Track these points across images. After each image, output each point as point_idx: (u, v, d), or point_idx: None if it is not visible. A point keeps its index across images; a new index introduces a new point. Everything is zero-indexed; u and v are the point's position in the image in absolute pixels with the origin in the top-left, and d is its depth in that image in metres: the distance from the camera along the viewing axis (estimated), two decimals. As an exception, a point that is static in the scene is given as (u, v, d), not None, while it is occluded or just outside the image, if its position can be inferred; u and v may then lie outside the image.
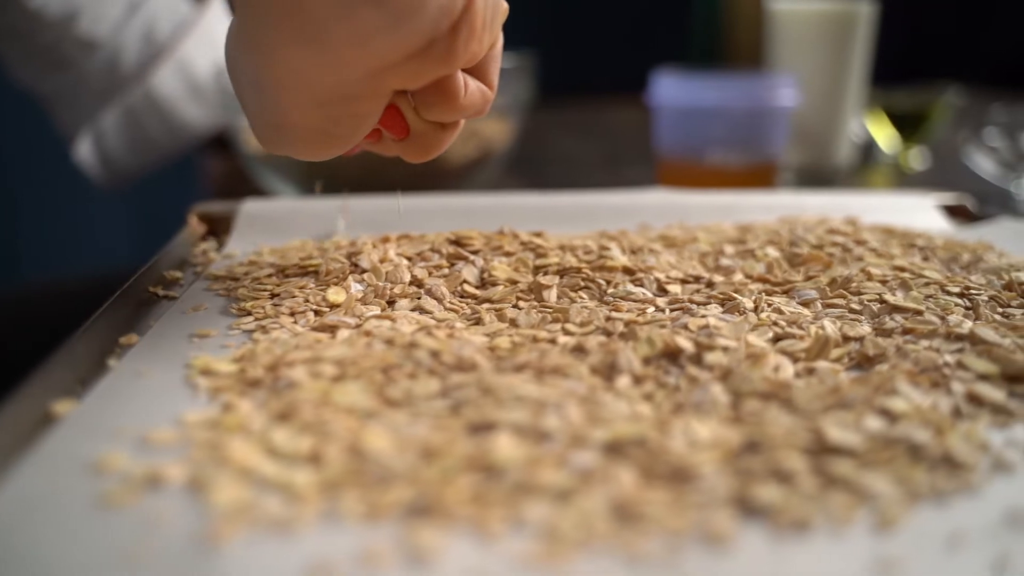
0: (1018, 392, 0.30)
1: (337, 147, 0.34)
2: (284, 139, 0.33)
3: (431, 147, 0.36)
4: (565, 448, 0.25)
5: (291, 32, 0.29)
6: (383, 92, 0.31)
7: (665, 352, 0.32)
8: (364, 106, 0.31)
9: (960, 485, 0.25)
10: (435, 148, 0.37)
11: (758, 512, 0.23)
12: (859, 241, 0.44)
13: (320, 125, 0.32)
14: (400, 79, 0.30)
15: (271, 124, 0.33)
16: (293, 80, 0.30)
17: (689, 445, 0.26)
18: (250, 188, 0.66)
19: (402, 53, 0.29)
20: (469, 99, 0.34)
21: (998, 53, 1.78)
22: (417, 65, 0.29)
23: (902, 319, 0.35)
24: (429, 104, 0.34)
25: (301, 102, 0.31)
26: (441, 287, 0.37)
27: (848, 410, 0.28)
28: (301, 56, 0.29)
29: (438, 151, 0.37)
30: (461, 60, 0.30)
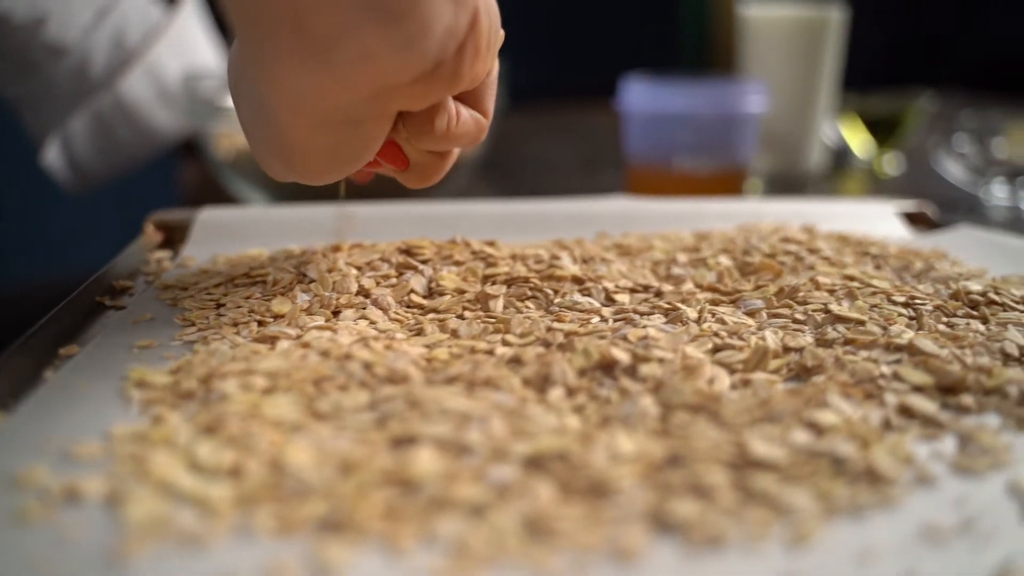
0: (951, 404, 0.30)
1: (342, 170, 0.33)
2: (289, 163, 0.32)
3: (430, 175, 0.37)
4: (485, 462, 0.25)
5: (295, 51, 0.28)
6: (388, 114, 0.31)
7: (601, 364, 0.31)
8: (369, 128, 0.31)
9: (880, 499, 0.25)
10: (434, 175, 0.37)
11: (673, 527, 0.23)
12: (812, 250, 0.44)
13: (325, 147, 0.31)
14: (406, 100, 0.30)
15: (275, 148, 0.32)
16: (298, 101, 0.29)
17: (610, 459, 0.26)
18: (225, 195, 0.66)
19: (410, 74, 0.28)
20: (462, 128, 0.34)
21: (981, 57, 1.79)
22: (423, 87, 0.29)
23: (844, 329, 0.35)
24: (421, 133, 0.33)
25: (306, 124, 0.30)
26: (387, 297, 0.37)
27: (776, 423, 0.28)
28: (306, 75, 0.28)
29: (438, 177, 0.37)
30: (466, 81, 0.30)
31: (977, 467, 0.26)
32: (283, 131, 0.31)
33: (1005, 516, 0.24)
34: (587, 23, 1.86)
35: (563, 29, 1.81)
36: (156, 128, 0.68)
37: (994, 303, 0.38)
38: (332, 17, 0.27)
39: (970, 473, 0.26)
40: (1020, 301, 0.38)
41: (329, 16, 0.27)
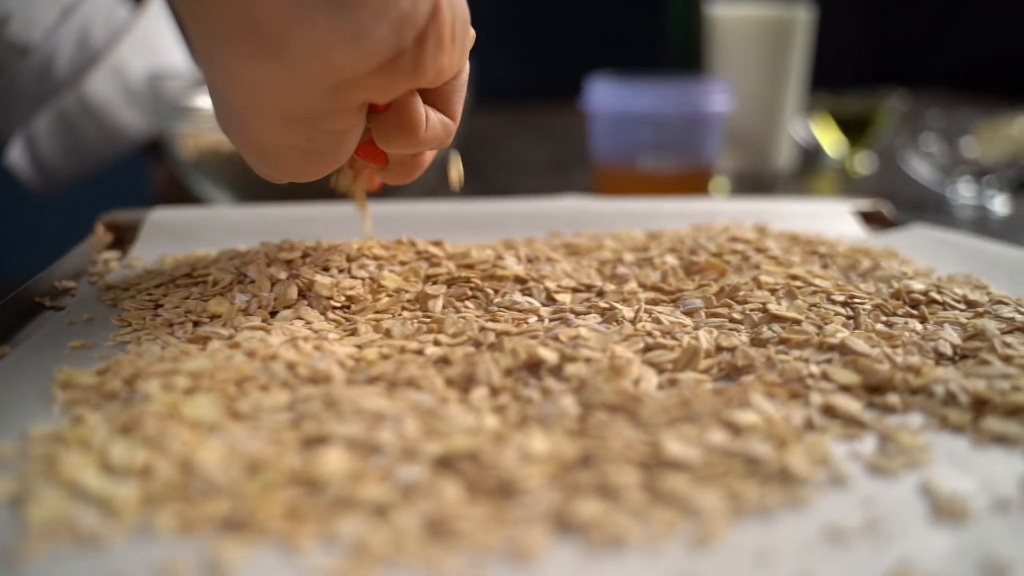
0: (877, 403, 0.30)
1: (320, 166, 0.33)
2: (266, 161, 0.32)
3: (410, 171, 0.37)
4: (393, 462, 0.25)
5: (244, 45, 0.27)
6: (352, 107, 0.30)
7: (528, 364, 0.31)
8: (336, 122, 0.30)
9: (789, 499, 0.25)
10: (414, 171, 0.37)
11: (575, 528, 0.23)
12: (760, 249, 0.43)
13: (295, 144, 0.31)
14: (368, 93, 0.29)
15: (249, 146, 0.32)
16: (254, 96, 0.29)
17: (521, 459, 0.26)
18: (197, 196, 0.65)
19: (367, 65, 0.28)
20: (430, 131, 0.33)
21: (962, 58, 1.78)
22: (384, 78, 0.29)
23: (780, 328, 0.35)
24: (388, 137, 0.33)
25: (268, 120, 0.30)
26: (322, 298, 0.37)
27: (694, 423, 0.28)
28: (258, 70, 0.28)
29: (418, 173, 0.37)
30: (430, 73, 0.29)
31: (892, 467, 0.26)
32: (250, 129, 0.31)
33: (911, 516, 0.24)
34: (576, 24, 1.86)
35: (549, 29, 1.81)
36: (122, 128, 0.68)
37: (935, 302, 0.38)
38: (280, 10, 0.27)
39: (884, 473, 0.26)
40: (961, 300, 0.38)
41: (276, 9, 0.27)
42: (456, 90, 0.34)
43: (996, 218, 0.66)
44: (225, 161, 0.60)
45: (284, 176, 0.33)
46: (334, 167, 0.33)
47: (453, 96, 0.34)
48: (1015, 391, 0.30)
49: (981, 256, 0.45)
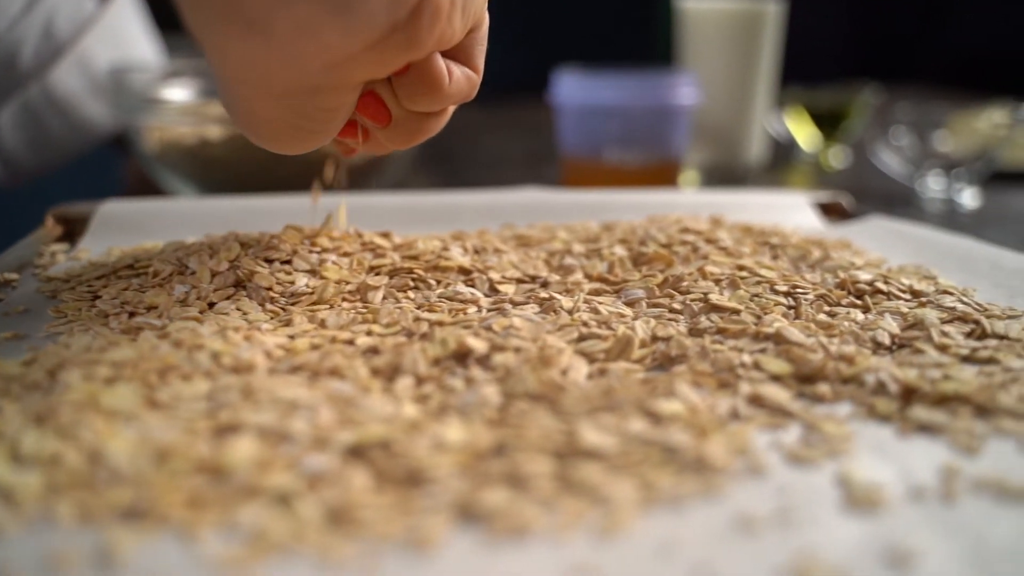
0: (807, 393, 0.30)
1: (311, 141, 0.33)
2: (256, 132, 0.32)
3: (415, 133, 0.35)
4: (303, 451, 0.25)
5: (233, 24, 0.27)
6: (350, 83, 0.30)
7: (456, 353, 0.31)
8: (332, 99, 0.30)
9: (703, 489, 0.24)
10: (420, 134, 0.35)
11: (480, 518, 0.23)
12: (710, 240, 0.43)
13: (288, 118, 0.31)
14: (366, 69, 0.29)
15: (243, 119, 0.32)
16: (246, 72, 0.29)
17: (433, 449, 0.25)
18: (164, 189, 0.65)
19: (359, 43, 0.27)
20: (455, 86, 0.33)
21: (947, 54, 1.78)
22: (380, 54, 0.28)
23: (718, 318, 0.34)
24: (413, 95, 0.33)
25: (261, 95, 0.30)
26: (261, 289, 0.37)
27: (615, 413, 0.27)
28: (249, 48, 0.28)
29: (425, 136, 0.36)
30: (428, 45, 0.29)
31: (811, 456, 0.26)
32: (241, 102, 0.31)
33: (823, 505, 0.24)
34: (562, 17, 1.85)
35: (533, 23, 1.81)
36: (88, 120, 0.68)
37: (880, 292, 0.37)
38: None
39: (803, 462, 0.26)
40: (907, 291, 0.38)
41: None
42: (477, 43, 0.34)
43: (964, 211, 0.66)
44: (187, 154, 0.60)
45: (271, 147, 0.33)
46: (325, 141, 0.33)
47: (474, 49, 0.34)
48: (945, 380, 0.29)
49: (933, 247, 0.44)
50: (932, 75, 1.60)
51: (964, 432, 0.27)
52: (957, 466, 0.25)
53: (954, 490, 0.24)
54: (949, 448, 0.26)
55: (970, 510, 0.23)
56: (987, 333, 0.34)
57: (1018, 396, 0.29)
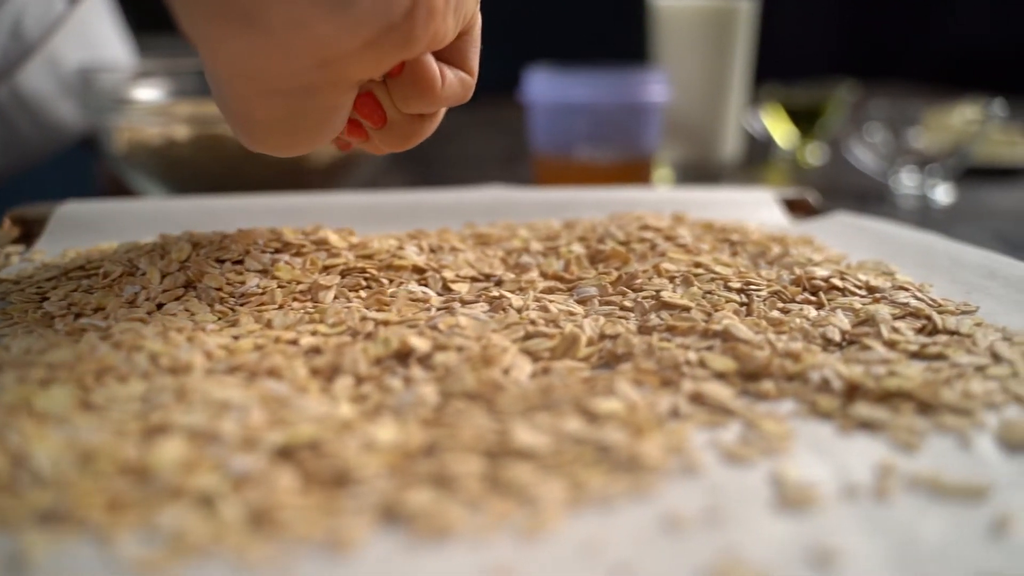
0: (751, 390, 0.29)
1: (309, 142, 0.32)
2: (251, 133, 0.32)
3: (410, 135, 0.35)
4: (231, 452, 0.25)
5: (226, 19, 0.27)
6: (345, 82, 0.30)
7: (399, 352, 0.31)
8: (328, 98, 0.30)
9: (634, 488, 0.24)
10: (415, 136, 0.35)
11: (404, 519, 0.23)
12: (669, 237, 0.43)
13: (284, 118, 0.30)
14: (361, 68, 0.29)
15: (237, 118, 0.31)
16: (240, 69, 0.29)
17: (363, 449, 0.25)
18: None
19: (355, 40, 0.27)
20: (448, 89, 0.33)
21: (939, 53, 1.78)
22: (376, 52, 0.28)
23: (668, 316, 0.34)
24: (406, 97, 0.32)
25: (255, 93, 0.29)
26: (211, 290, 0.36)
27: (551, 412, 0.27)
28: (242, 44, 0.27)
29: (419, 139, 0.36)
30: (422, 44, 0.29)
31: (747, 455, 0.25)
32: (236, 101, 0.30)
33: (753, 504, 0.23)
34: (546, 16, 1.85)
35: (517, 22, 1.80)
36: (57, 121, 0.67)
37: (835, 288, 0.37)
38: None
39: (739, 461, 0.25)
40: (863, 287, 0.37)
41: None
42: (470, 44, 0.34)
43: (938, 207, 0.65)
44: (154, 154, 0.60)
45: (270, 150, 0.33)
46: (321, 143, 0.33)
47: (468, 51, 0.34)
48: (890, 376, 0.29)
49: (895, 242, 0.44)
50: (920, 72, 1.59)
51: (904, 429, 0.27)
52: (894, 464, 0.25)
53: (888, 488, 0.24)
54: (888, 445, 0.26)
55: (902, 508, 0.23)
56: (938, 329, 0.33)
57: (962, 392, 0.29)
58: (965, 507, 0.23)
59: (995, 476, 0.24)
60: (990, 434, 0.27)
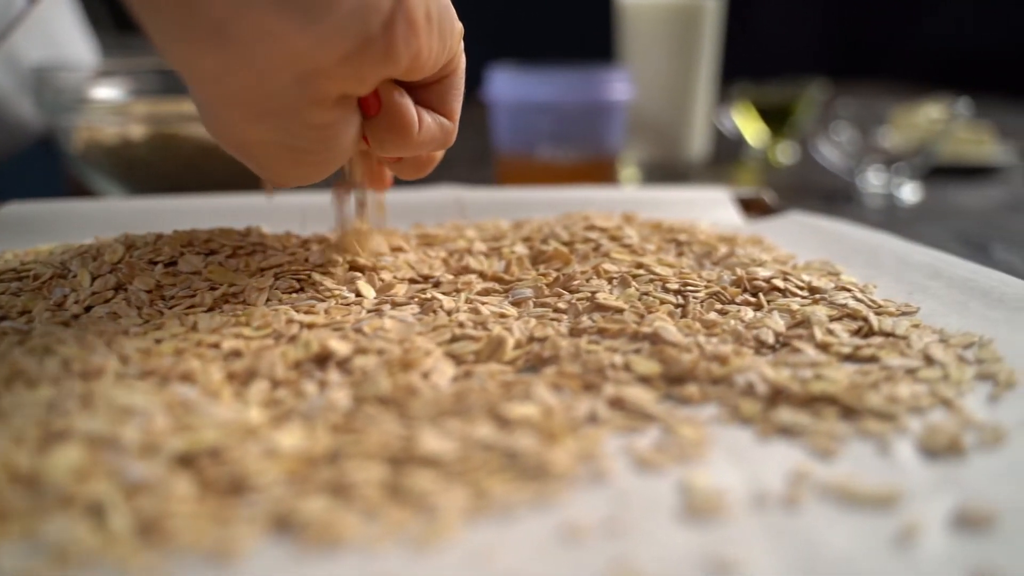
0: (675, 394, 0.29)
1: (313, 167, 0.31)
2: (252, 161, 0.31)
3: (419, 166, 0.36)
4: (130, 459, 0.24)
5: (193, 33, 0.26)
6: (329, 99, 0.29)
7: (318, 356, 0.30)
8: (315, 116, 0.29)
9: (538, 496, 0.23)
10: (423, 167, 0.36)
11: (296, 528, 0.22)
12: (615, 237, 0.42)
13: (280, 140, 0.29)
14: (341, 83, 0.28)
15: (231, 145, 0.30)
16: (218, 88, 0.28)
17: (264, 456, 0.24)
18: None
19: (331, 53, 0.27)
20: (426, 133, 0.32)
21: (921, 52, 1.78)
22: (354, 67, 0.27)
23: (600, 318, 0.33)
24: (382, 140, 0.32)
25: (241, 114, 0.29)
26: (140, 292, 0.36)
27: (463, 417, 0.26)
28: (214, 61, 0.27)
29: (427, 169, 0.36)
30: (404, 60, 0.28)
31: (659, 462, 0.25)
32: (227, 125, 0.29)
33: (656, 514, 0.23)
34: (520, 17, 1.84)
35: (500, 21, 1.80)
36: (18, 120, 0.67)
37: (776, 289, 0.37)
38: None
39: (651, 468, 0.25)
40: (805, 287, 0.37)
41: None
42: (450, 88, 0.33)
43: (904, 206, 0.65)
44: (110, 154, 0.59)
45: (282, 179, 0.32)
46: (331, 167, 0.32)
47: (448, 94, 0.33)
48: (816, 380, 0.29)
49: (844, 242, 0.44)
50: (906, 71, 1.59)
51: (824, 434, 0.26)
52: (808, 471, 0.24)
53: (799, 497, 0.23)
54: (806, 452, 0.26)
55: (810, 518, 0.23)
56: (874, 331, 0.33)
57: (887, 396, 0.28)
58: (873, 516, 0.23)
59: (910, 484, 0.24)
60: (911, 440, 0.26)
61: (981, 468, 0.25)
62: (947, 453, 0.25)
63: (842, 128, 0.67)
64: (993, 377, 0.30)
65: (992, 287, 0.36)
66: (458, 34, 0.31)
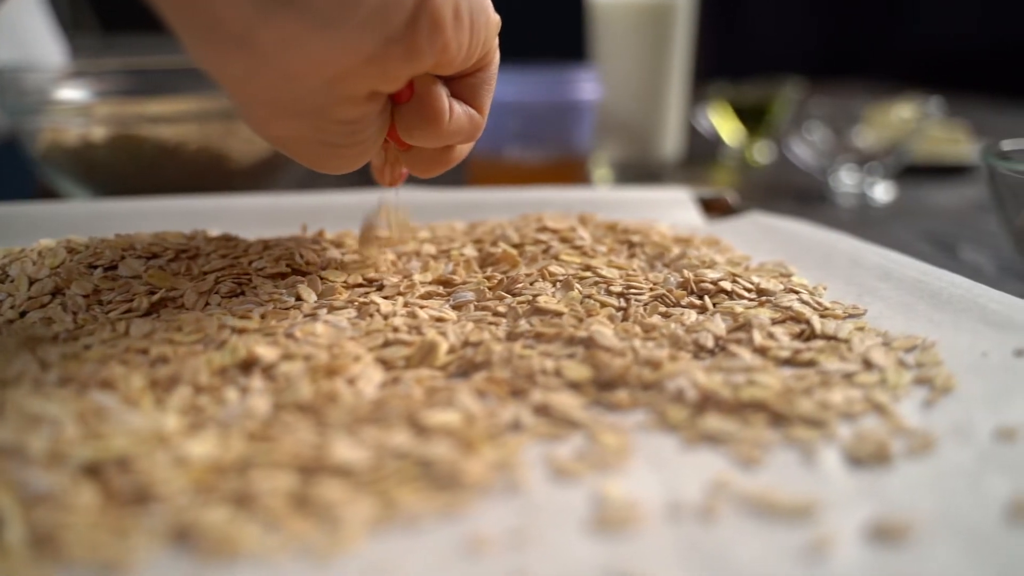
0: (604, 400, 0.28)
1: (347, 157, 0.31)
2: (291, 153, 0.31)
3: (435, 162, 0.35)
4: (37, 468, 0.24)
5: (218, 43, 0.26)
6: (357, 96, 0.29)
7: (245, 362, 0.30)
8: (344, 113, 0.29)
9: (447, 507, 0.23)
10: (439, 163, 0.35)
11: (195, 538, 0.22)
12: (566, 239, 0.42)
13: (310, 136, 0.30)
14: (369, 82, 0.28)
15: (268, 139, 0.31)
16: (247, 89, 0.28)
17: (174, 464, 0.24)
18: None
19: (354, 57, 0.27)
20: (455, 124, 0.32)
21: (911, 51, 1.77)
22: (381, 67, 0.27)
23: (538, 322, 0.33)
24: (411, 127, 0.32)
25: (274, 114, 0.29)
26: (77, 297, 0.35)
27: (381, 425, 0.26)
28: (240, 68, 0.27)
29: (446, 166, 0.36)
30: (429, 57, 0.28)
31: (577, 471, 0.24)
32: (258, 124, 0.30)
33: (565, 525, 0.22)
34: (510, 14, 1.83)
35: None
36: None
37: (723, 292, 0.36)
38: (239, 8, 0.25)
39: (568, 477, 0.24)
40: (753, 289, 0.36)
41: (236, 7, 0.25)
42: (483, 82, 0.33)
43: (876, 206, 0.64)
44: (72, 156, 0.59)
45: (319, 169, 0.32)
46: (365, 157, 0.32)
47: (480, 88, 0.33)
48: (748, 385, 0.28)
49: (800, 243, 0.43)
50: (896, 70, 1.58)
51: (749, 442, 0.26)
52: (728, 480, 0.24)
53: (715, 508, 0.23)
54: (729, 460, 0.25)
55: (724, 530, 0.22)
56: (816, 334, 0.32)
57: (819, 402, 0.27)
58: (788, 528, 0.22)
59: (830, 493, 0.23)
60: (838, 447, 0.25)
61: (905, 477, 0.24)
62: (873, 461, 0.25)
63: (815, 127, 0.66)
64: (931, 382, 0.29)
65: (941, 288, 0.36)
66: (493, 28, 0.31)
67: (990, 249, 0.52)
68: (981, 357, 0.30)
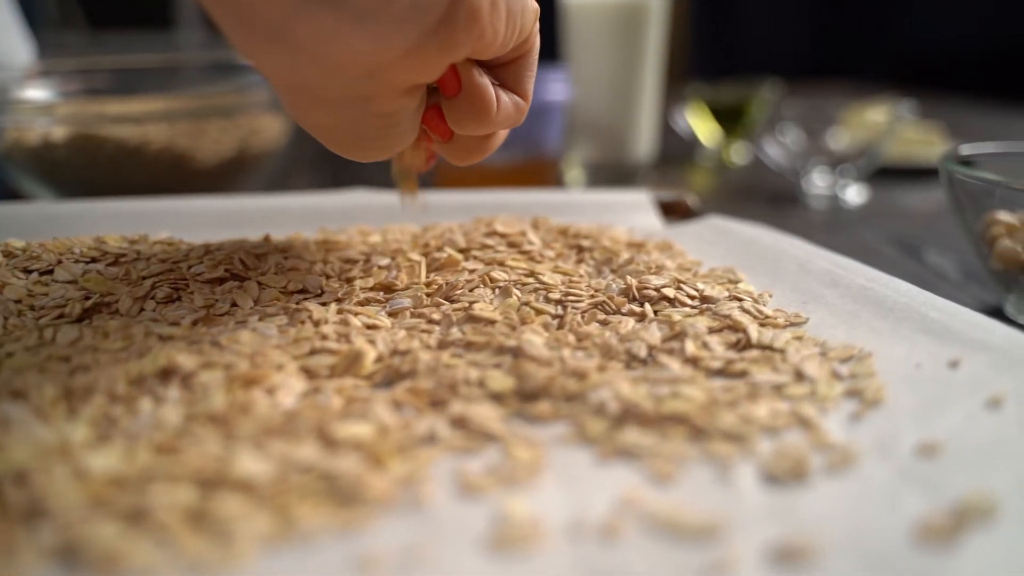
0: (526, 412, 0.28)
1: (377, 148, 0.32)
2: (326, 141, 0.32)
3: (473, 151, 0.36)
4: (-75, 483, 0.23)
5: (254, 36, 0.27)
6: (396, 88, 0.29)
7: (164, 371, 0.29)
8: (382, 105, 0.29)
9: (344, 524, 0.22)
10: (477, 152, 0.36)
11: (79, 556, 0.21)
12: (514, 244, 0.41)
13: (345, 126, 0.30)
14: (408, 74, 0.28)
15: (305, 126, 0.31)
16: (289, 83, 0.29)
17: (72, 477, 0.23)
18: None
19: (392, 50, 0.27)
20: (502, 113, 0.32)
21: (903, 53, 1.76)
22: (419, 59, 0.28)
23: (470, 330, 0.32)
24: (461, 119, 0.32)
25: (313, 104, 0.29)
26: (9, 302, 0.35)
27: (289, 437, 0.25)
28: (280, 59, 0.27)
29: (482, 155, 0.36)
30: (465, 48, 0.28)
31: (484, 486, 0.24)
32: (297, 111, 0.30)
33: (459, 544, 0.22)
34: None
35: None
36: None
37: (665, 299, 0.35)
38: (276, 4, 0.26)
39: (473, 493, 0.24)
40: (697, 296, 0.36)
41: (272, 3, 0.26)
42: (526, 68, 0.33)
43: (848, 208, 0.64)
44: (32, 155, 0.58)
45: (350, 155, 0.32)
46: (399, 147, 0.32)
47: (523, 75, 0.33)
48: (671, 397, 0.28)
49: (752, 247, 0.42)
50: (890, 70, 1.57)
51: (665, 457, 0.25)
52: (637, 497, 0.23)
53: (620, 527, 0.22)
54: (642, 476, 0.24)
55: (626, 550, 0.21)
56: (751, 343, 0.32)
57: (741, 416, 0.27)
58: (690, 549, 0.21)
59: (739, 512, 0.23)
60: (756, 463, 0.25)
61: (821, 495, 0.24)
62: (789, 478, 0.24)
63: (788, 129, 0.65)
64: (861, 394, 0.28)
65: (886, 296, 0.35)
66: (532, 14, 0.31)
67: (955, 253, 0.52)
68: (915, 368, 0.30)
